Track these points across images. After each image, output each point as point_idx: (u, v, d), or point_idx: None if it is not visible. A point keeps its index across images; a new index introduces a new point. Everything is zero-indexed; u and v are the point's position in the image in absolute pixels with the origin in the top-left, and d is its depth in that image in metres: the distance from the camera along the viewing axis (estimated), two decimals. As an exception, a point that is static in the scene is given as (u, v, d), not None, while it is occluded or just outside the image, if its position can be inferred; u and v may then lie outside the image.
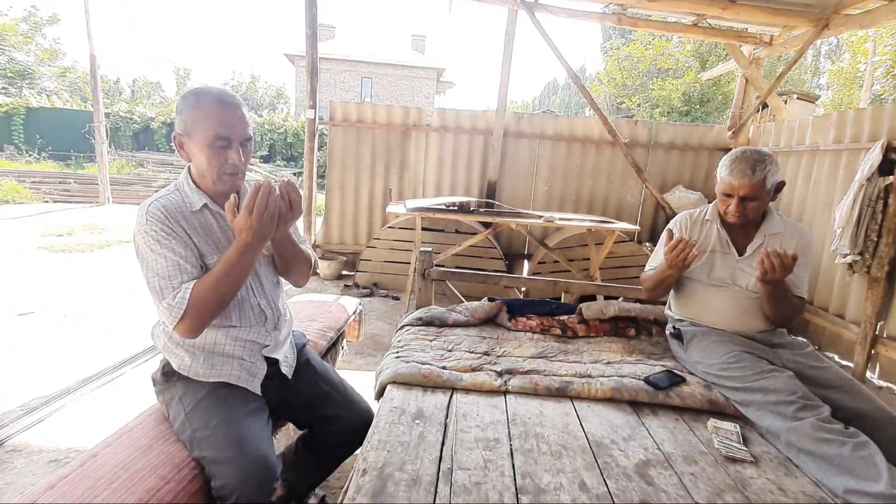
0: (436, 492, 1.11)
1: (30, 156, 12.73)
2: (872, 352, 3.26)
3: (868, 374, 3.29)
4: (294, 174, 14.30)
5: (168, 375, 1.28)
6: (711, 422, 1.49)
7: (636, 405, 1.59)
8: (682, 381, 1.64)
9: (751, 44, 4.68)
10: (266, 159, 14.85)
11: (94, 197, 8.64)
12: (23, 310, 3.31)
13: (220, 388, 1.23)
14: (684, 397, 1.59)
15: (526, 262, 5.11)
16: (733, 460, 1.33)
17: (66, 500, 0.97)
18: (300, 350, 1.51)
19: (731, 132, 4.97)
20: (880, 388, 3.18)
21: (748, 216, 1.73)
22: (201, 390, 1.22)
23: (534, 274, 4.50)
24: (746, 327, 1.76)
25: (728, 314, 1.77)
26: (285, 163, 15.07)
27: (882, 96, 6.93)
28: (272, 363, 1.36)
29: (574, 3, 4.39)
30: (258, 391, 1.29)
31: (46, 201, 8.37)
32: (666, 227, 1.91)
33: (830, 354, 3.64)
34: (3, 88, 15.91)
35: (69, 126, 14.12)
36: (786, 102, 9.38)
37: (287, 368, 1.40)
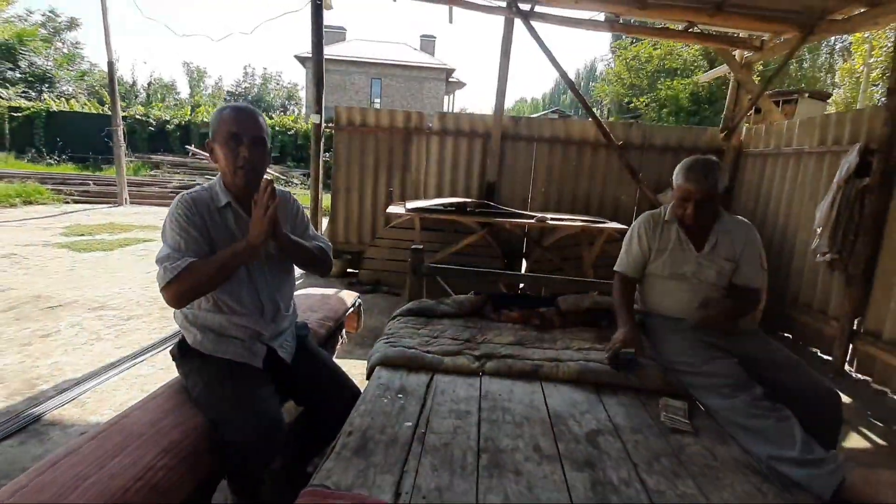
0: (409, 449, 1.32)
1: (50, 158, 13.21)
2: (851, 346, 3.39)
3: (847, 367, 3.42)
4: (303, 174, 14.62)
5: (184, 351, 1.50)
6: (663, 399, 1.67)
7: (599, 386, 1.78)
8: (639, 366, 1.81)
9: (742, 48, 4.81)
10: (277, 160, 15.19)
11: (112, 198, 8.99)
12: (51, 303, 3.59)
13: (231, 360, 1.45)
14: (643, 379, 1.78)
15: (524, 260, 5.29)
16: (676, 431, 1.51)
17: (104, 448, 1.19)
18: (302, 339, 1.72)
19: (723, 134, 5.10)
20: (857, 380, 3.31)
21: (704, 217, 1.90)
22: (215, 362, 1.44)
23: (530, 272, 4.68)
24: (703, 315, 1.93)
25: (689, 304, 1.94)
26: (296, 163, 15.40)
27: (873, 94, 6.98)
28: (271, 349, 1.57)
29: (568, 12, 4.56)
30: (259, 366, 1.50)
31: (67, 202, 8.74)
32: (633, 226, 2.09)
33: (813, 349, 3.78)
34: (24, 92, 16.46)
35: (87, 129, 14.59)
36: (797, 101, 9.40)
37: (285, 354, 1.59)
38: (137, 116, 15.08)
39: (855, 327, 3.38)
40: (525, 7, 4.48)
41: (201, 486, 1.27)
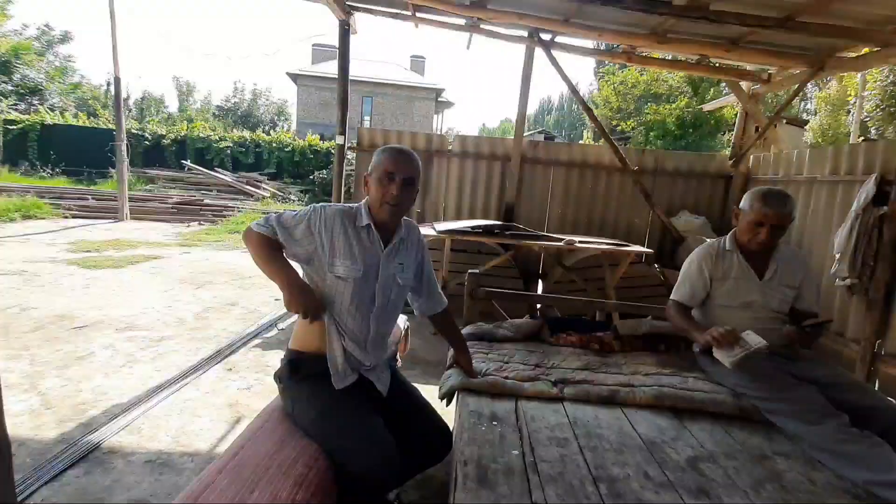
0: (528, 479, 1.33)
1: (44, 171, 12.96)
2: (872, 368, 3.51)
3: (868, 389, 3.53)
4: (300, 191, 14.55)
5: (294, 373, 1.50)
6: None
7: (676, 411, 1.82)
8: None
9: (749, 81, 5.04)
10: (274, 177, 15.11)
11: (112, 213, 8.82)
12: (76, 323, 3.50)
13: (343, 392, 1.46)
14: (718, 405, 1.83)
15: (540, 280, 5.35)
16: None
17: (238, 482, 1.18)
18: (393, 371, 1.74)
19: (731, 161, 5.30)
20: (880, 402, 3.41)
21: (773, 243, 1.97)
22: (328, 391, 1.44)
23: (549, 292, 4.74)
24: (768, 341, 1.99)
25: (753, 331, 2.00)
26: (292, 180, 15.33)
27: (869, 126, 7.39)
28: (369, 382, 1.57)
29: (587, 42, 4.74)
30: (338, 386, 1.49)
31: (66, 217, 8.55)
32: (692, 258, 2.14)
33: (832, 371, 3.89)
34: (14, 105, 16.18)
35: (81, 142, 14.39)
36: (775, 127, 9.82)
37: (382, 387, 1.61)
38: (133, 131, 14.91)
39: (875, 349, 3.50)
40: (546, 37, 4.64)
41: (329, 517, 1.26)
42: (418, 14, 4.55)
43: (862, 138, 7.22)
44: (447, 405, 1.99)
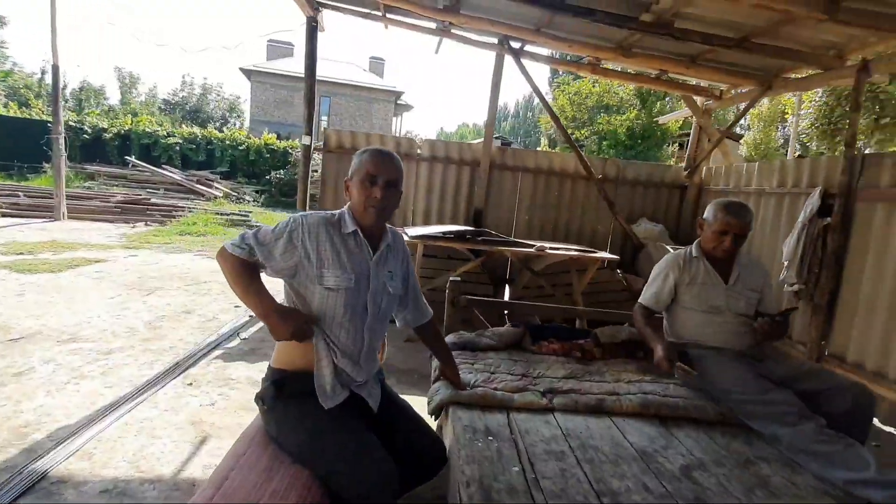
0: (532, 497, 1.31)
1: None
2: (817, 369, 3.76)
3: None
4: (255, 192, 13.99)
5: (280, 393, 1.39)
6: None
7: (661, 418, 1.86)
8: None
9: (704, 96, 5.32)
10: (227, 176, 14.43)
11: (47, 211, 8.09)
12: (11, 334, 3.16)
13: (333, 410, 1.37)
14: (699, 411, 1.88)
15: (508, 286, 5.38)
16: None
17: (228, 516, 1.08)
18: (382, 384, 1.66)
19: (686, 172, 5.56)
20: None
21: (735, 250, 2.11)
22: (317, 411, 1.35)
23: (518, 298, 4.77)
24: (738, 345, 2.09)
25: (723, 335, 2.10)
26: (247, 179, 14.70)
27: (805, 141, 8.03)
28: (360, 398, 1.50)
29: (555, 52, 4.83)
30: (327, 406, 1.40)
31: (-7, 215, 7.77)
32: (660, 266, 2.24)
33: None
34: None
35: (11, 134, 13.14)
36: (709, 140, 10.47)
37: (373, 403, 1.54)
38: (71, 123, 13.76)
39: (820, 351, 3.76)
40: (516, 45, 4.69)
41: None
42: (389, 15, 4.48)
43: (798, 153, 7.82)
44: (436, 419, 1.94)
